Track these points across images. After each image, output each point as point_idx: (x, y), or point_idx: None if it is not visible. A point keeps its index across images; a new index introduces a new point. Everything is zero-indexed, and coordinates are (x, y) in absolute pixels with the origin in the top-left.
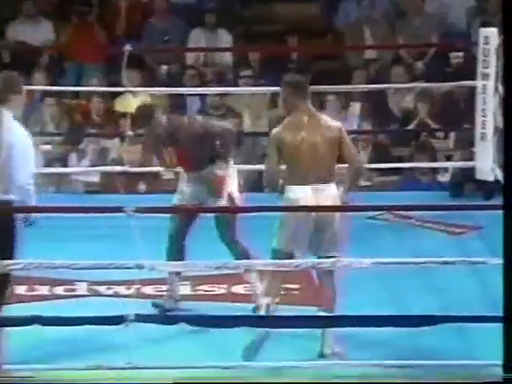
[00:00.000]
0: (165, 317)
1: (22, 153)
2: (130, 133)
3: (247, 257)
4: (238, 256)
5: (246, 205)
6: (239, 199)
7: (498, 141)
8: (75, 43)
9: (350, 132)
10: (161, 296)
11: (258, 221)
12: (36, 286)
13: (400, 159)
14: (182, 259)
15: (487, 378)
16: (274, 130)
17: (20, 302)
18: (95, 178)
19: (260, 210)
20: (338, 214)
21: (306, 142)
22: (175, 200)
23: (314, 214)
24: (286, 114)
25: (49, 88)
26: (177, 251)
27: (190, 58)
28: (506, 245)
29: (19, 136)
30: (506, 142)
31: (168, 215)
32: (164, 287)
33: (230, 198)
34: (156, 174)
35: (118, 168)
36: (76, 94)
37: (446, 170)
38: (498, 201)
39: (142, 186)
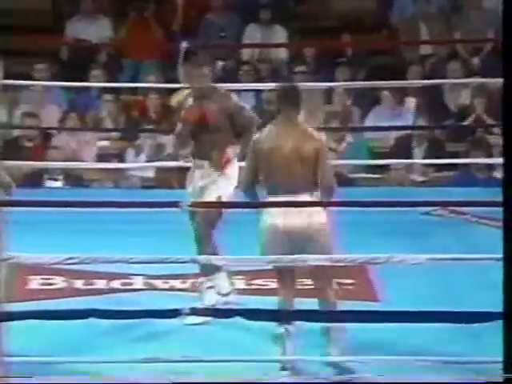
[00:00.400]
0: (219, 310)
1: None
2: None
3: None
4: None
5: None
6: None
7: None
8: (132, 40)
9: (405, 128)
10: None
11: None
12: (93, 280)
13: (455, 155)
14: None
15: (487, 378)
16: (255, 136)
17: (77, 295)
18: (151, 174)
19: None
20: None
21: (282, 151)
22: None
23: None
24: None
25: (107, 85)
26: (210, 248)
27: (246, 53)
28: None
29: None
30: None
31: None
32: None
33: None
34: None
35: (174, 163)
36: (133, 91)
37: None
38: None
39: None
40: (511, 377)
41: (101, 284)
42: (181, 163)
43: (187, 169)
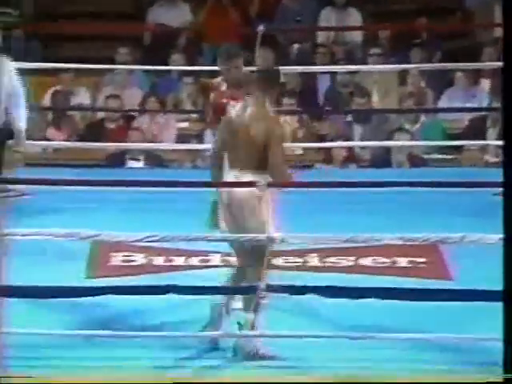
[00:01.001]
0: (295, 287)
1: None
2: None
3: None
4: None
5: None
6: None
7: None
8: (211, 24)
9: (479, 109)
10: (290, 267)
11: None
12: (172, 257)
13: None
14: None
15: (487, 378)
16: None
17: (157, 272)
18: None
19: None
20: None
21: (242, 130)
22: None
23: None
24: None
25: (186, 68)
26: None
27: (321, 36)
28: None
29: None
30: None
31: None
32: (293, 258)
33: None
34: None
35: None
36: (212, 73)
37: None
38: None
39: None
40: (511, 377)
41: (180, 261)
42: None
43: None
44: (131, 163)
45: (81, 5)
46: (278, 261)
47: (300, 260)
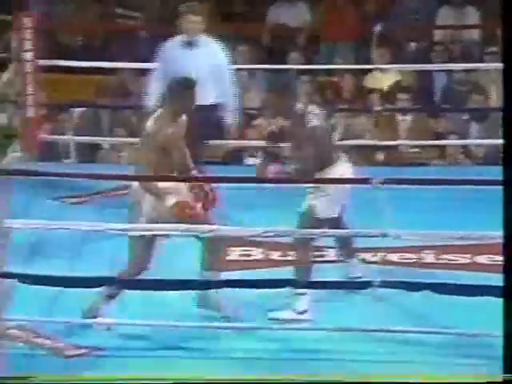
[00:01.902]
0: (409, 283)
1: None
2: (377, 108)
3: None
4: None
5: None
6: None
7: None
8: (328, 23)
9: None
10: (406, 263)
11: None
12: (289, 252)
13: None
14: None
15: (487, 378)
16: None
17: (273, 266)
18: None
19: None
20: None
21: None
22: None
23: None
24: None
25: (304, 67)
26: None
27: (438, 34)
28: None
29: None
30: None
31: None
32: (409, 255)
33: None
34: (396, 147)
35: (363, 141)
36: (328, 72)
37: None
38: None
39: (380, 158)
40: (511, 377)
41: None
42: (368, 141)
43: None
44: (249, 160)
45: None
46: (393, 257)
47: (415, 256)
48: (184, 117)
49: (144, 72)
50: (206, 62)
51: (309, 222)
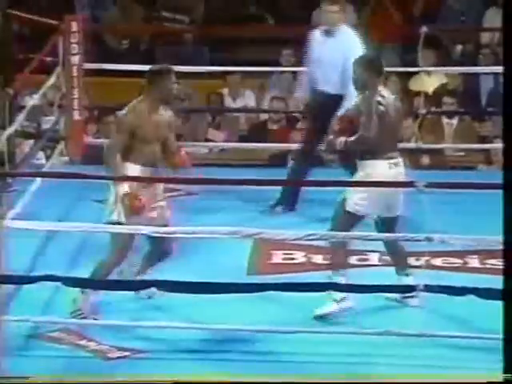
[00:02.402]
0: (454, 288)
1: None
2: (423, 111)
3: None
4: None
5: None
6: None
7: None
8: (373, 25)
9: None
10: (450, 268)
11: None
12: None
13: None
14: None
15: (487, 378)
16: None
17: (317, 270)
18: None
19: None
20: None
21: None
22: None
23: None
24: None
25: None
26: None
27: (485, 37)
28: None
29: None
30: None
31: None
32: (453, 259)
33: None
34: (441, 150)
35: (411, 145)
36: None
37: None
38: None
39: (425, 161)
40: (511, 377)
41: None
42: (417, 144)
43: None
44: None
45: (246, 8)
46: (437, 261)
47: (460, 261)
48: (168, 111)
49: (189, 75)
50: (339, 53)
51: (340, 214)
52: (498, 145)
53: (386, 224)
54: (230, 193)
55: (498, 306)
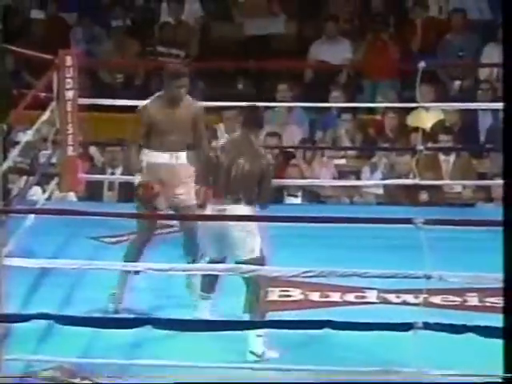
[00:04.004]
0: (453, 326)
1: None
2: (420, 147)
3: None
4: None
5: None
6: None
7: None
8: (370, 61)
9: None
10: (449, 306)
11: None
12: (329, 293)
13: None
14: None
15: (487, 378)
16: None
17: (312, 307)
18: (383, 191)
19: None
20: None
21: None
22: None
23: None
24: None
25: (345, 105)
26: None
27: (484, 72)
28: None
29: None
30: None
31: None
32: (452, 297)
33: None
34: (439, 187)
35: (409, 181)
36: (371, 110)
37: None
38: None
39: (424, 198)
40: (511, 377)
41: (335, 297)
42: (414, 181)
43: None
44: (289, 199)
45: (240, 45)
46: (437, 299)
47: (459, 299)
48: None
49: None
50: None
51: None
52: (498, 181)
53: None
54: None
55: (497, 344)
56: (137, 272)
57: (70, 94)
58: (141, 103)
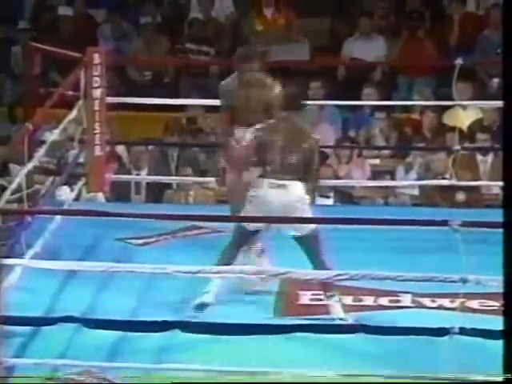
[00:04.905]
0: (490, 332)
1: None
2: (457, 147)
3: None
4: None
5: None
6: None
7: None
8: (406, 57)
9: None
10: (486, 311)
11: None
12: (362, 297)
13: None
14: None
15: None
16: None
17: (347, 311)
18: (421, 191)
19: None
20: None
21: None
22: None
23: None
24: None
25: (380, 103)
26: None
27: None
28: None
29: None
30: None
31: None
32: (489, 301)
33: None
34: (476, 188)
35: (445, 182)
36: (406, 108)
37: None
38: None
39: (461, 199)
40: (511, 377)
41: (369, 300)
42: (451, 181)
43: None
44: (321, 200)
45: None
46: (474, 303)
47: (496, 303)
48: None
49: (216, 108)
50: None
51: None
52: None
53: (301, 243)
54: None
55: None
56: None
57: (97, 93)
58: (170, 101)
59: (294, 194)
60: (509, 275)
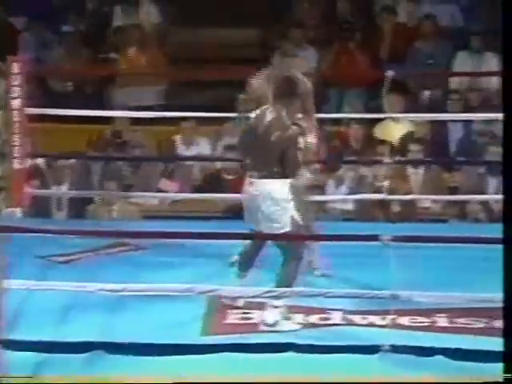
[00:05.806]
0: (421, 348)
1: None
2: (388, 160)
3: None
4: None
5: None
6: None
7: None
8: (337, 69)
9: None
10: (417, 327)
11: None
12: (291, 315)
13: None
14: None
15: (487, 378)
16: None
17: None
18: (352, 206)
19: None
20: None
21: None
22: None
23: None
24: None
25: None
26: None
27: (454, 82)
28: None
29: None
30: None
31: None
32: (420, 318)
33: None
34: (411, 202)
35: (376, 196)
36: (336, 121)
37: None
38: None
39: (395, 214)
40: (511, 377)
41: (298, 318)
42: (381, 195)
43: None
44: None
45: (206, 51)
46: (405, 320)
47: (427, 320)
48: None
49: (140, 121)
50: None
51: None
52: (472, 196)
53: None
54: (183, 247)
55: (466, 366)
56: None
57: (16, 103)
58: (92, 113)
59: (265, 192)
60: (509, 291)
